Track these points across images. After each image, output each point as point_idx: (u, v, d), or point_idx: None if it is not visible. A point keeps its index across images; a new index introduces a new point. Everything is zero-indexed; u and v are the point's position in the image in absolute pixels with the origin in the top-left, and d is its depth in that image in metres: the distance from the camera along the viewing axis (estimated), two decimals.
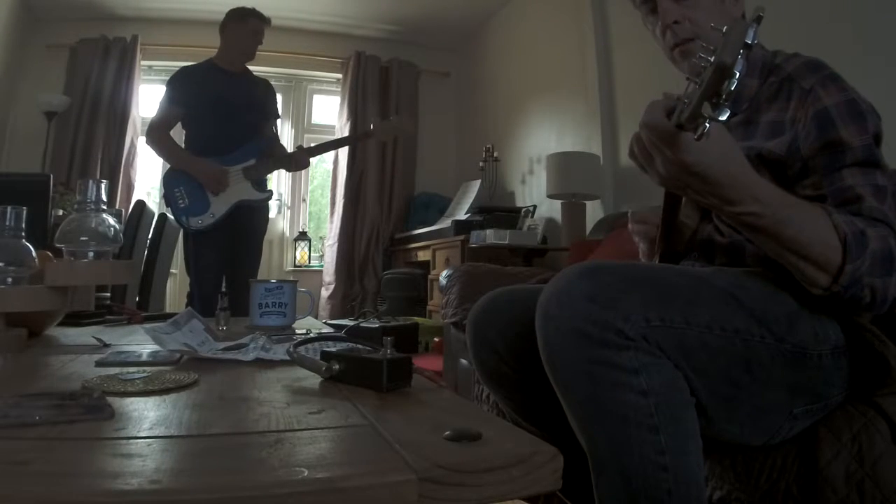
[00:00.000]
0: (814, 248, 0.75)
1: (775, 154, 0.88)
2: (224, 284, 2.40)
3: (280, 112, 2.92)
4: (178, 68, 2.73)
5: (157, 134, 2.61)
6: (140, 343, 1.01)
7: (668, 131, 0.70)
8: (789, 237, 0.75)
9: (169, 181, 2.59)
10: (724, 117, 0.68)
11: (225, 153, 2.58)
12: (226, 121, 2.58)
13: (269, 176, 2.79)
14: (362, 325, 3.08)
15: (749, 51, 0.66)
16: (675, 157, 0.72)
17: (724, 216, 0.82)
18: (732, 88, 0.67)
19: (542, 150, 3.57)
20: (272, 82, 2.90)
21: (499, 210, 3.60)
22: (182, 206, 2.55)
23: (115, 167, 4.04)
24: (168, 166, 2.69)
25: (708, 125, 0.69)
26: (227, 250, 2.64)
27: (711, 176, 0.73)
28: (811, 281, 0.77)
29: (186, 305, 2.53)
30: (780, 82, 0.92)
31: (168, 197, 2.59)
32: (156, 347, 0.90)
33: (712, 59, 0.69)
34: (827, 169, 0.84)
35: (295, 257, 4.62)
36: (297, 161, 2.76)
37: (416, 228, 4.23)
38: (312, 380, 0.72)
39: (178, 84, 2.62)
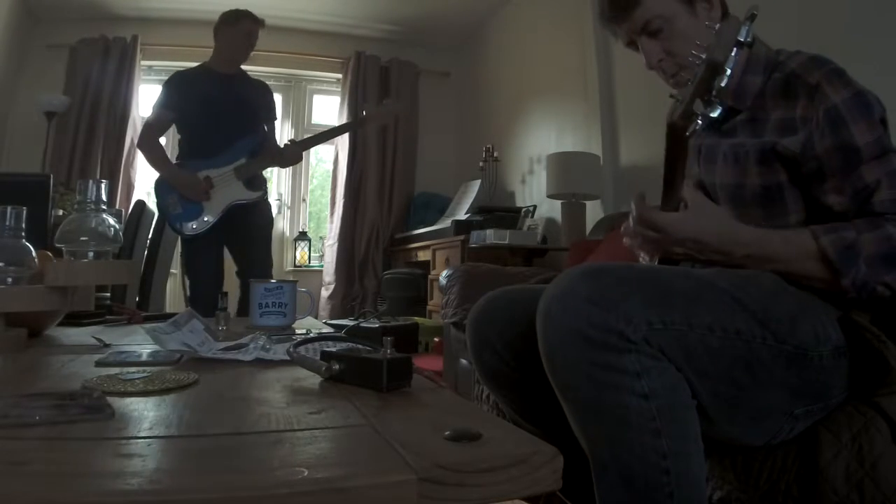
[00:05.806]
0: (809, 272, 0.84)
1: (790, 151, 0.88)
2: (225, 285, 2.40)
3: (278, 113, 2.89)
4: (177, 69, 2.73)
5: (146, 139, 2.64)
6: (140, 343, 1.01)
7: (650, 220, 0.85)
8: (783, 267, 0.85)
9: (161, 188, 2.61)
10: (715, 114, 0.69)
11: (215, 154, 2.58)
12: (215, 122, 2.57)
13: (267, 176, 2.78)
14: (362, 325, 3.08)
15: (742, 48, 0.66)
16: (664, 238, 0.84)
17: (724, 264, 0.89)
18: (724, 85, 0.67)
19: (542, 150, 3.56)
20: (271, 82, 2.90)
21: (499, 210, 3.60)
22: (176, 212, 2.57)
23: (115, 167, 4.04)
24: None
25: (700, 122, 0.69)
26: (234, 252, 2.67)
27: (700, 240, 0.85)
28: (827, 289, 0.83)
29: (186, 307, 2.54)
30: (784, 78, 0.92)
31: (161, 205, 2.62)
32: (156, 347, 0.90)
33: (704, 56, 0.69)
34: (845, 170, 0.85)
35: (295, 257, 4.62)
36: (288, 156, 2.73)
37: (416, 228, 4.22)
38: (312, 380, 0.71)
39: (172, 88, 2.62)
